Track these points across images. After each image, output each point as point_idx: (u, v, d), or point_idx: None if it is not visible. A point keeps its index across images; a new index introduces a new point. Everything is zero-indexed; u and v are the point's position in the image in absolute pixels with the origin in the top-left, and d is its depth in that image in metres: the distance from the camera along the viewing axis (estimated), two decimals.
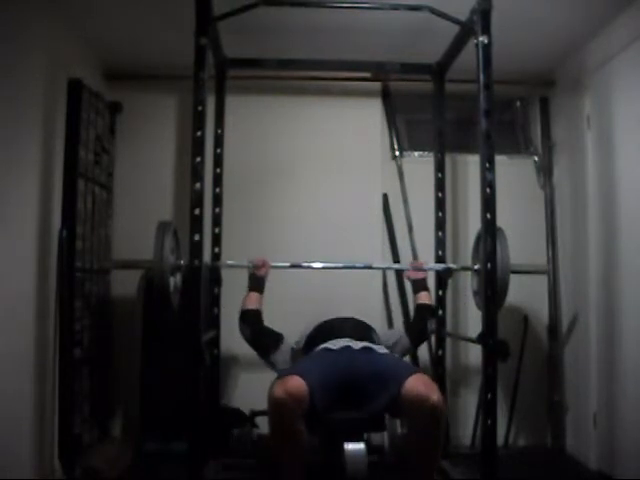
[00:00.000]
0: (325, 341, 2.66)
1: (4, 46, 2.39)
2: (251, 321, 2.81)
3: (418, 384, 2.28)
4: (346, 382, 2.42)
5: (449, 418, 3.46)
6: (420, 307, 3.01)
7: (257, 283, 2.90)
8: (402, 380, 2.30)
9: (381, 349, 2.66)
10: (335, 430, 2.48)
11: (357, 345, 2.60)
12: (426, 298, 3.02)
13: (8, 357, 2.42)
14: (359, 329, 2.78)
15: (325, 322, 2.84)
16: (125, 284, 3.53)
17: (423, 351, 3.58)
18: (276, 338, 2.79)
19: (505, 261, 2.59)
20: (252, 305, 2.84)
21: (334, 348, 2.58)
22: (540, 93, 3.80)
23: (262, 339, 2.80)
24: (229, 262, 3.15)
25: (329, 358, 2.54)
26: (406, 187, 3.71)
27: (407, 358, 3.28)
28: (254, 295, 2.88)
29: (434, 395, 2.22)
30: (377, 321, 3.51)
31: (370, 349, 2.60)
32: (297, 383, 2.23)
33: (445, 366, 3.24)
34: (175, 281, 2.71)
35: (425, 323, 2.97)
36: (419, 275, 3.05)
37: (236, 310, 3.35)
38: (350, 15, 2.86)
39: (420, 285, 3.03)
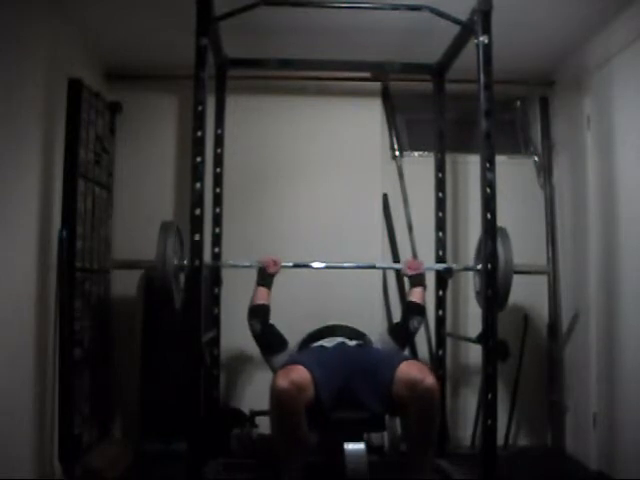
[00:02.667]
0: (320, 340, 2.70)
1: (4, 46, 2.39)
2: (261, 316, 2.77)
3: (411, 368, 2.32)
4: (343, 375, 2.44)
5: (449, 418, 3.46)
6: (408, 304, 2.93)
7: (266, 279, 2.86)
8: (395, 366, 2.33)
9: (375, 345, 2.71)
10: (335, 430, 2.48)
11: (351, 342, 2.66)
12: (418, 295, 2.91)
13: (8, 357, 2.41)
14: (352, 333, 2.82)
15: (320, 328, 2.87)
16: (125, 284, 3.53)
17: (423, 351, 3.58)
18: (283, 341, 2.78)
19: (508, 262, 2.58)
20: (262, 300, 2.81)
21: (329, 345, 2.63)
22: (540, 93, 3.80)
23: (270, 338, 2.78)
24: (230, 262, 3.15)
25: (325, 353, 2.58)
26: (406, 187, 3.71)
27: None
28: (263, 290, 2.84)
29: (428, 378, 2.26)
30: (377, 321, 3.52)
31: (363, 345, 2.65)
32: (301, 373, 2.25)
33: (445, 366, 3.25)
34: (178, 281, 2.70)
35: (407, 318, 2.85)
36: (416, 271, 2.97)
37: (236, 310, 3.34)
38: (350, 15, 2.86)
39: (416, 280, 2.95)
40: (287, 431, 2.29)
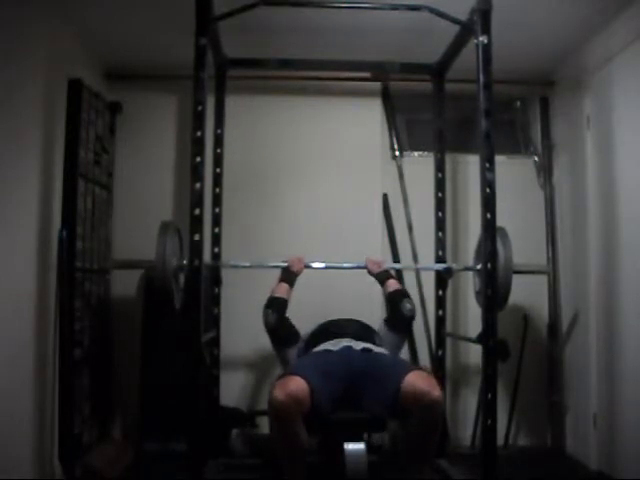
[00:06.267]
0: (326, 341, 2.68)
1: (4, 46, 2.39)
2: (278, 309, 2.77)
3: (418, 380, 2.30)
4: (347, 382, 2.42)
5: (449, 418, 3.46)
6: (390, 294, 2.90)
7: (290, 276, 2.88)
8: (402, 376, 2.31)
9: (381, 349, 2.68)
10: (335, 430, 2.48)
11: (358, 346, 2.61)
12: (394, 284, 2.93)
13: (8, 357, 2.42)
14: (360, 330, 2.79)
15: (327, 322, 2.86)
16: (125, 284, 3.53)
17: (423, 351, 3.59)
18: (296, 335, 2.80)
19: (508, 262, 2.58)
20: (281, 294, 2.82)
21: (334, 349, 2.60)
22: (540, 93, 3.80)
23: (285, 331, 2.78)
24: (230, 262, 3.15)
25: (330, 358, 2.54)
26: (406, 187, 3.71)
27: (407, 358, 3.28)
28: (285, 286, 2.85)
29: (434, 391, 2.24)
30: (377, 320, 3.51)
31: (370, 350, 2.62)
32: (298, 385, 2.23)
33: (445, 366, 3.24)
34: (178, 282, 2.70)
35: (398, 306, 2.83)
36: (379, 267, 2.98)
37: (236, 310, 3.36)
38: (350, 15, 2.86)
39: (384, 275, 2.96)
40: (285, 440, 2.29)
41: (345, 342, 2.63)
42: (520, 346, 3.55)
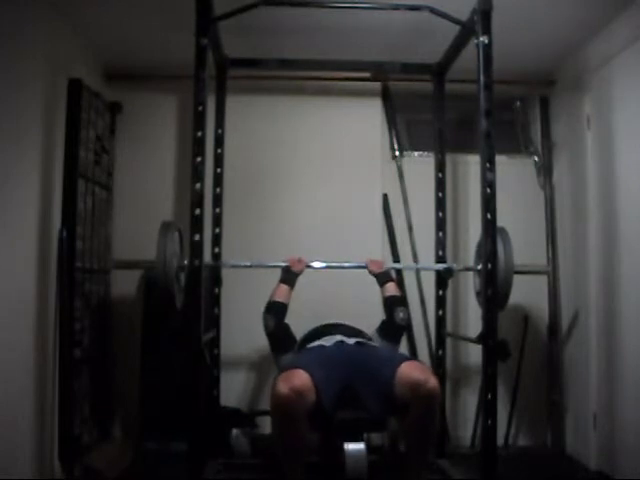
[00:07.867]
0: (318, 339, 2.69)
1: (4, 46, 2.39)
2: (277, 313, 2.77)
3: (413, 369, 2.30)
4: (344, 374, 2.41)
5: (449, 418, 3.46)
6: (386, 299, 2.92)
7: (290, 276, 2.87)
8: (396, 366, 2.32)
9: (373, 343, 2.70)
10: (335, 430, 2.48)
11: (350, 340, 2.63)
12: (392, 289, 2.93)
13: (8, 357, 2.42)
14: (350, 330, 2.79)
15: (318, 327, 2.85)
16: (125, 284, 3.54)
17: (423, 351, 3.59)
18: (293, 342, 2.78)
19: (508, 262, 2.58)
20: (281, 298, 2.81)
21: (327, 345, 2.61)
22: (540, 93, 3.80)
23: (283, 337, 2.78)
24: (230, 262, 3.15)
25: (325, 352, 2.55)
26: (406, 187, 3.71)
27: None
28: (285, 288, 2.84)
29: (431, 380, 2.24)
30: (377, 321, 3.51)
31: (363, 343, 2.64)
32: (303, 378, 2.22)
33: (445, 366, 3.24)
34: (178, 282, 2.70)
35: (392, 313, 2.84)
36: (380, 267, 2.99)
37: (236, 310, 3.36)
38: (350, 15, 2.86)
39: (385, 277, 2.97)
40: (288, 436, 2.28)
41: (337, 338, 2.65)
42: (520, 346, 3.55)
